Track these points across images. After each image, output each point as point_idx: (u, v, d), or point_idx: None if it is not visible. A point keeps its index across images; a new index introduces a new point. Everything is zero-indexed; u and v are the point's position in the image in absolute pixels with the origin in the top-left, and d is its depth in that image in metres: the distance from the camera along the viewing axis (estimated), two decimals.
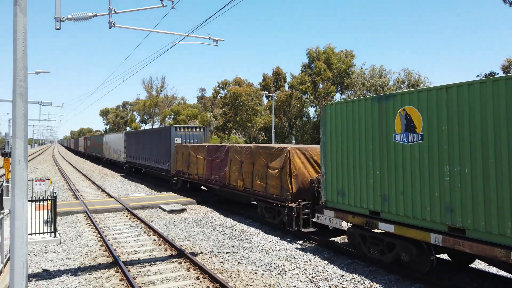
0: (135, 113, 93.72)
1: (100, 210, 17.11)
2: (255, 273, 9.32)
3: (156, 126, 78.04)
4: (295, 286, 8.52)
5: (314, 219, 12.10)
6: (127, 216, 16.42)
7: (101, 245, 11.84)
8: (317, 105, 47.18)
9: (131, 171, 34.06)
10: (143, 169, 29.47)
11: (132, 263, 10.09)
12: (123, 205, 17.86)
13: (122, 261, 10.10)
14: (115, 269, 9.61)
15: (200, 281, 8.74)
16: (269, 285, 8.58)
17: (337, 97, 48.48)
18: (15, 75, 5.48)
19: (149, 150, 27.24)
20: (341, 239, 12.35)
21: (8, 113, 55.42)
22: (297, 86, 47.10)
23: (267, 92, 46.44)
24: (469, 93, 7.66)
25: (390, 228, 9.08)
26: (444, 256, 10.30)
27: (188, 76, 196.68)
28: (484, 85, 7.43)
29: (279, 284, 8.60)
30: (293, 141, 37.03)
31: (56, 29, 10.05)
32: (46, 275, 9.34)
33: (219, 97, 61.32)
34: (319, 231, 13.03)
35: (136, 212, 16.76)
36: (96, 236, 13.01)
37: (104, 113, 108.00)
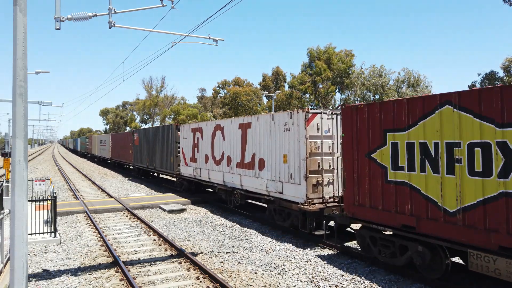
0: (134, 113, 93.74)
1: (100, 210, 17.11)
2: (255, 273, 9.32)
3: (155, 126, 77.95)
4: (295, 286, 8.52)
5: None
6: (127, 216, 16.42)
7: (101, 245, 11.84)
8: (317, 105, 47.17)
9: None
10: None
11: (132, 263, 10.10)
12: (123, 205, 17.86)
13: (122, 261, 10.10)
14: (115, 269, 9.61)
15: (200, 281, 8.75)
16: (269, 285, 8.58)
17: (337, 97, 48.49)
18: (15, 75, 5.48)
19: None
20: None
21: (8, 113, 55.42)
22: (297, 86, 47.10)
23: (266, 92, 46.43)
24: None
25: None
26: None
27: (188, 76, 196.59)
28: None
29: (279, 284, 8.60)
30: None
31: (56, 29, 10.05)
32: (46, 275, 9.34)
33: (219, 97, 61.33)
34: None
35: (136, 212, 16.76)
36: (96, 236, 13.01)
37: (104, 113, 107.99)
